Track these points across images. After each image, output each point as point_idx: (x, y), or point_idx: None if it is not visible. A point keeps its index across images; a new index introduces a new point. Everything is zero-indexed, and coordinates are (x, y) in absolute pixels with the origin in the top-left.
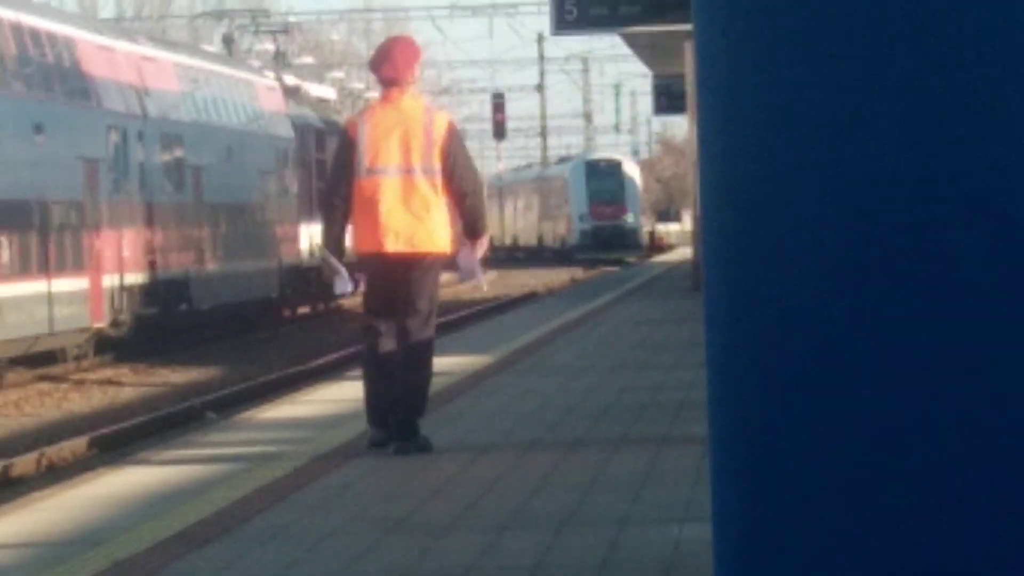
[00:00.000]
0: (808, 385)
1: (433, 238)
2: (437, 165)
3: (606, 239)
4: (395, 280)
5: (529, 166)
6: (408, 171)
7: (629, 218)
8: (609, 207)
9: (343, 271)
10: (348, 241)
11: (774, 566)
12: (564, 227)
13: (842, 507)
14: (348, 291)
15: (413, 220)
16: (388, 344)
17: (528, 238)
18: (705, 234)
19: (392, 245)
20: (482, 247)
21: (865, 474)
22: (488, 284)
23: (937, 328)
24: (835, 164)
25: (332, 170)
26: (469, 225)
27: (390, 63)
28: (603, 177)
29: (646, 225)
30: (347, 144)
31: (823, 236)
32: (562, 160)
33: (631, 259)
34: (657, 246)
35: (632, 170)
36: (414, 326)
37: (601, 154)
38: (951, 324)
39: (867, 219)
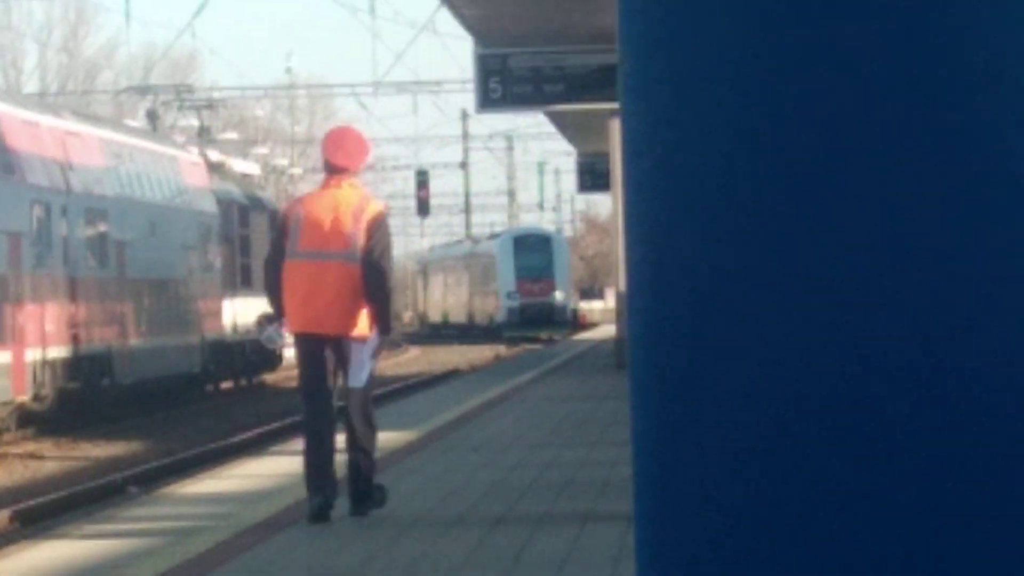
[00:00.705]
0: (739, 464)
1: (352, 321)
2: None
3: (533, 316)
4: (321, 358)
5: (460, 241)
6: (333, 257)
7: (558, 295)
8: (537, 284)
9: (269, 336)
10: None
11: None
12: (493, 304)
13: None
14: (278, 342)
15: (335, 304)
16: (321, 419)
17: (458, 315)
18: (630, 311)
19: (314, 327)
20: (380, 343)
21: (801, 552)
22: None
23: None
24: (765, 243)
25: (269, 252)
26: (379, 303)
27: (344, 152)
28: (531, 252)
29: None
30: (282, 227)
31: (758, 317)
32: (493, 236)
33: (557, 336)
34: (580, 324)
35: (560, 244)
36: (353, 402)
37: (529, 228)
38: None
39: (804, 298)
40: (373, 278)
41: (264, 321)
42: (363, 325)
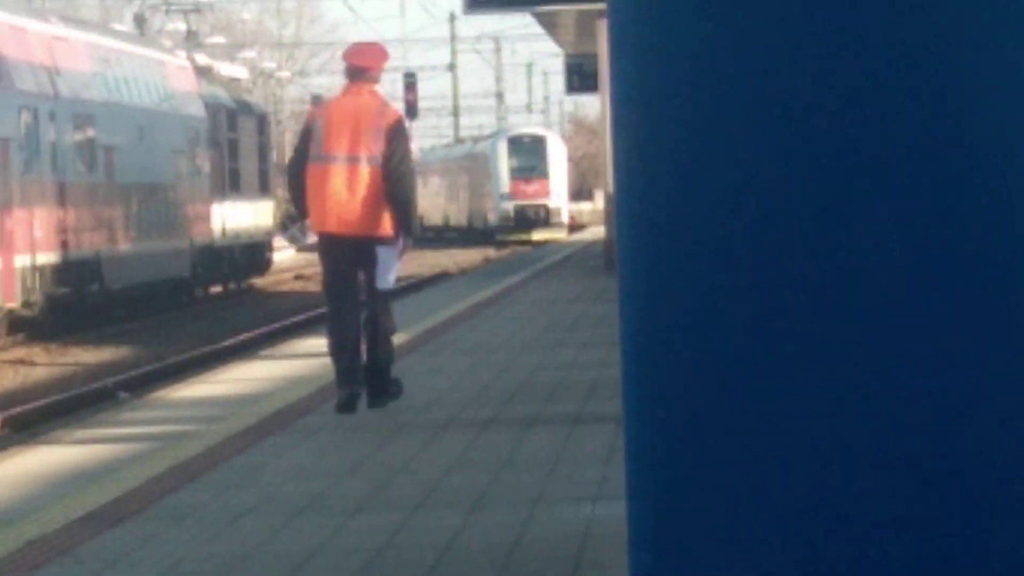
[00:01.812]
0: (723, 362)
1: (373, 224)
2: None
3: (528, 219)
4: (344, 259)
5: (461, 141)
6: (355, 160)
7: (554, 196)
8: (531, 185)
9: (294, 236)
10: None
11: (690, 543)
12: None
13: (758, 484)
14: (302, 241)
15: (356, 206)
16: (347, 316)
17: (459, 218)
18: (619, 212)
19: (336, 227)
20: (405, 248)
21: (781, 451)
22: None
23: (855, 307)
24: (751, 141)
25: (293, 155)
26: (402, 206)
27: (362, 55)
28: (525, 153)
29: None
30: (305, 132)
31: (739, 213)
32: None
33: (558, 238)
34: (570, 225)
35: (556, 145)
36: (374, 301)
37: (524, 129)
38: (868, 305)
39: (785, 196)
40: (396, 182)
41: (287, 221)
42: (385, 226)
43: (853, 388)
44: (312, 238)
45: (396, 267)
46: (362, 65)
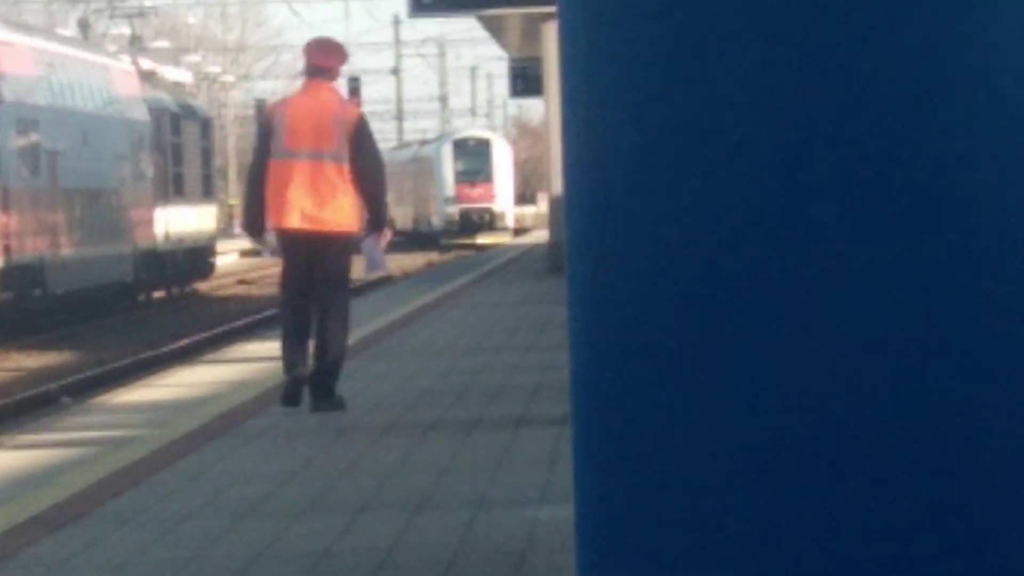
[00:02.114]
0: (672, 362)
1: (337, 218)
2: (346, 154)
3: (473, 223)
4: (304, 256)
5: (407, 144)
6: (318, 156)
7: (499, 200)
8: (476, 189)
9: (267, 243)
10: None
11: (637, 546)
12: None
13: (707, 487)
14: (270, 255)
15: (319, 201)
16: (301, 314)
17: (404, 222)
18: (567, 213)
19: (298, 223)
20: (385, 237)
21: (729, 454)
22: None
23: (807, 308)
24: (701, 141)
25: (254, 152)
26: (372, 214)
27: (325, 54)
28: (470, 156)
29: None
30: (264, 129)
31: (688, 214)
32: (437, 139)
33: (503, 241)
34: (515, 229)
35: (502, 148)
36: (329, 299)
37: (470, 132)
38: (820, 305)
39: (733, 194)
40: (368, 178)
41: (252, 241)
42: (345, 222)
43: (806, 386)
44: (271, 251)
45: (381, 260)
46: (325, 64)
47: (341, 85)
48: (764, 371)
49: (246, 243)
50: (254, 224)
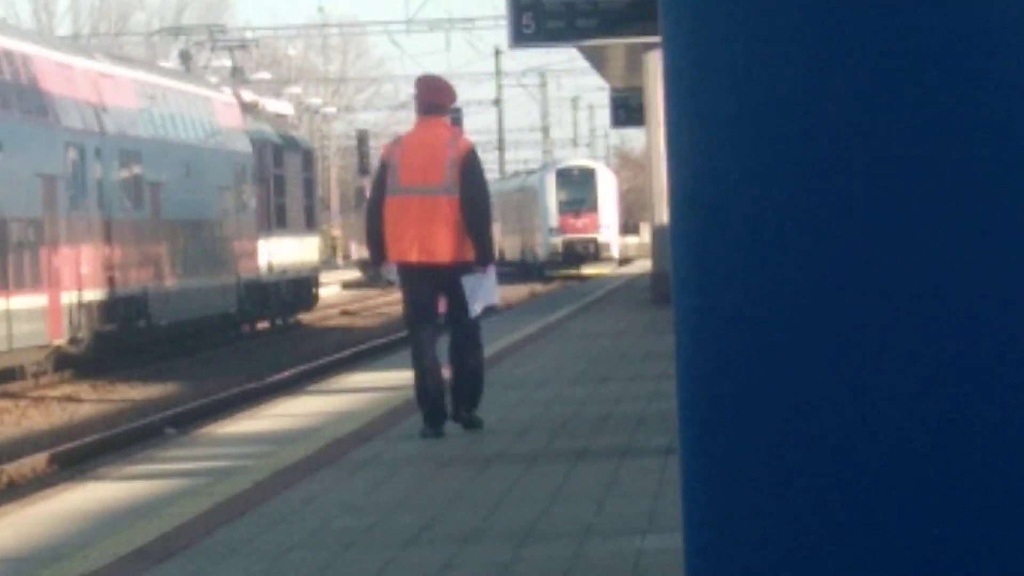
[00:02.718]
0: (779, 390)
1: (455, 250)
2: (458, 187)
3: (577, 254)
4: (426, 287)
5: (516, 174)
6: (432, 191)
7: (603, 230)
8: (580, 219)
9: (390, 272)
10: None
11: (746, 574)
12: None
13: (817, 515)
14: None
15: (435, 235)
16: (427, 346)
17: (513, 252)
18: (674, 243)
19: (416, 256)
20: (488, 276)
21: (840, 481)
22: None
23: (911, 335)
24: (807, 169)
25: (372, 193)
26: (477, 249)
27: (437, 90)
28: (574, 185)
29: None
30: (382, 167)
31: (795, 240)
32: (541, 169)
33: (607, 272)
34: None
35: (606, 177)
36: (462, 325)
37: (573, 161)
38: (926, 330)
39: (840, 223)
40: (472, 212)
41: (366, 265)
42: (464, 253)
43: (921, 416)
44: (389, 278)
45: (486, 295)
46: (436, 101)
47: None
48: (875, 400)
49: (349, 274)
50: (376, 256)
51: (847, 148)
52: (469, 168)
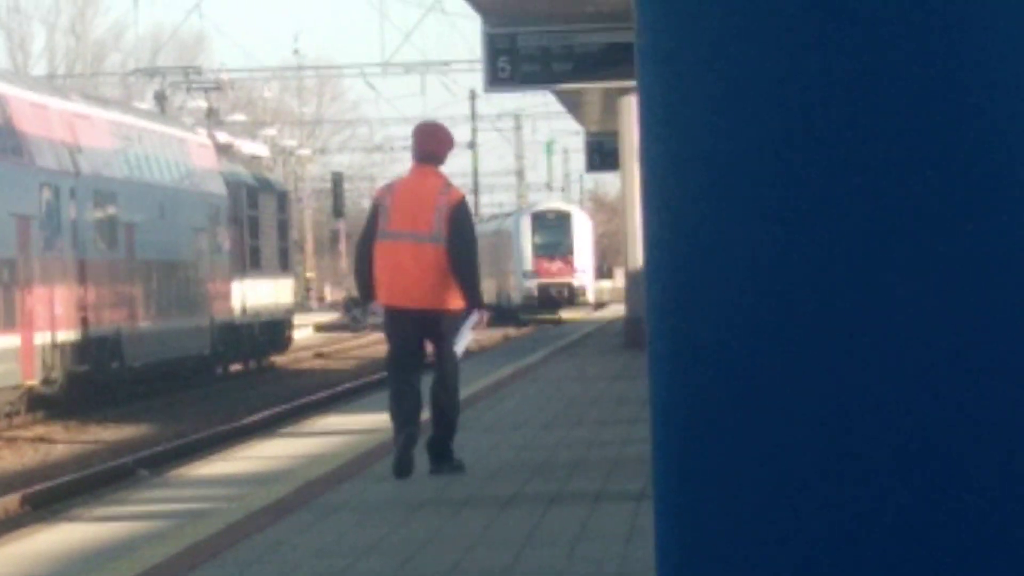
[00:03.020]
0: (756, 434)
1: (440, 298)
2: (445, 236)
3: (552, 299)
4: (411, 331)
5: (494, 217)
6: (420, 237)
7: (579, 275)
8: (555, 263)
9: (375, 308)
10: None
11: None
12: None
13: (795, 562)
14: (363, 323)
15: (423, 281)
16: (408, 389)
17: (488, 296)
18: (649, 285)
19: (403, 302)
20: (475, 318)
21: (819, 536)
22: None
23: (895, 378)
24: (785, 211)
25: (362, 234)
26: (469, 286)
27: (434, 140)
28: (550, 229)
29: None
30: (373, 211)
31: (772, 283)
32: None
33: (579, 317)
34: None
35: (582, 221)
36: (443, 370)
37: (549, 204)
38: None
39: (820, 266)
40: (460, 261)
41: (350, 303)
42: (450, 300)
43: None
44: (373, 320)
45: (468, 336)
46: (431, 150)
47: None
48: (857, 444)
49: (322, 317)
50: (364, 294)
51: (826, 190)
52: (458, 218)
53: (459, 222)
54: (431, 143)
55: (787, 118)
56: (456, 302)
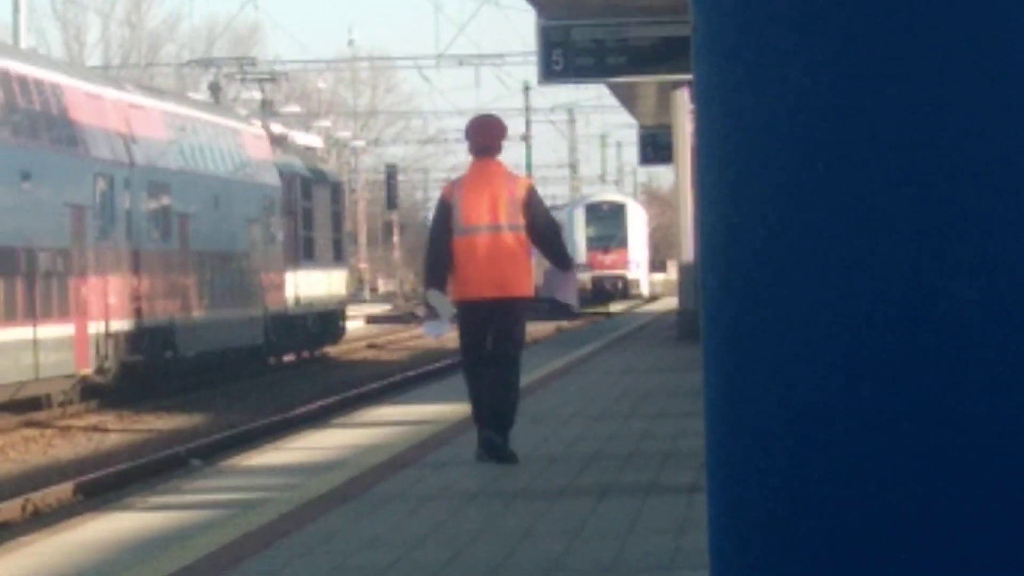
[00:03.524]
0: (809, 432)
1: (520, 284)
2: (521, 222)
3: (606, 291)
4: (487, 322)
5: (556, 208)
6: (496, 228)
7: (633, 267)
8: (609, 255)
9: (447, 312)
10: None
11: None
12: None
13: (845, 556)
14: (440, 334)
15: (502, 269)
16: (484, 376)
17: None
18: (704, 279)
19: (486, 292)
20: (574, 276)
21: (869, 527)
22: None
23: (945, 381)
24: (842, 206)
25: (432, 230)
26: (558, 260)
27: (486, 132)
28: (603, 221)
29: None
30: (444, 207)
31: (829, 280)
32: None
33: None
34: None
35: (637, 213)
36: (507, 358)
37: (603, 196)
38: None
39: (877, 266)
40: (548, 242)
41: (429, 302)
42: (526, 286)
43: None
44: (445, 311)
45: (566, 293)
46: (487, 143)
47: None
48: (906, 440)
49: (375, 308)
50: (439, 285)
51: (885, 186)
52: (533, 204)
53: (536, 207)
54: (485, 137)
55: (845, 112)
56: (526, 290)
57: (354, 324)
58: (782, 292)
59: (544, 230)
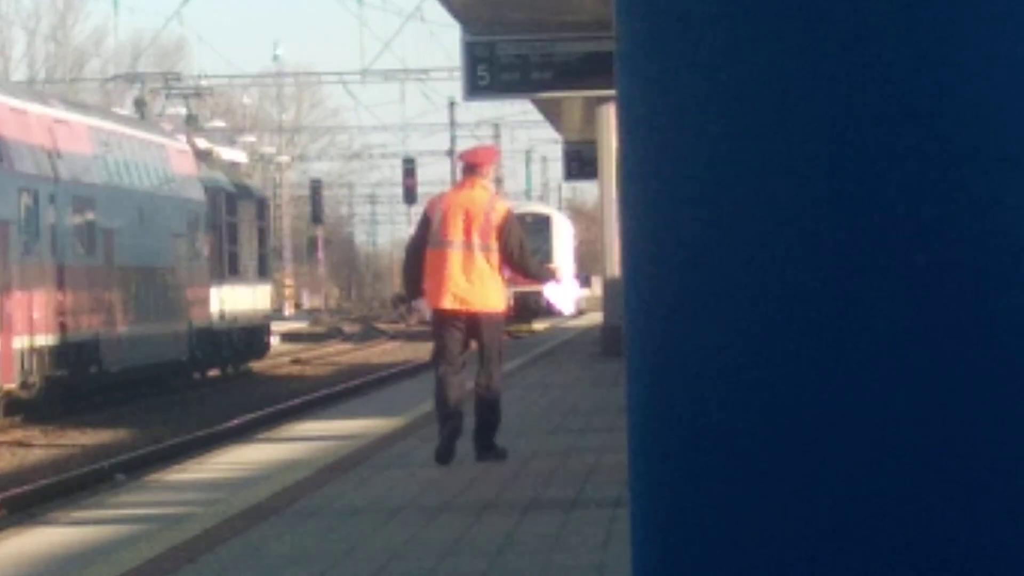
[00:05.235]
0: (733, 447)
1: (484, 300)
2: (494, 244)
3: (529, 308)
4: (457, 333)
5: None
6: (468, 246)
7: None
8: None
9: (421, 310)
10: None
11: None
12: None
13: (765, 565)
14: (424, 312)
15: (469, 285)
16: (451, 380)
17: None
18: (627, 292)
19: (451, 304)
20: (559, 283)
21: (794, 545)
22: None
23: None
24: (766, 223)
25: (411, 241)
26: (532, 278)
27: (475, 154)
28: (528, 235)
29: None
30: (425, 219)
31: (754, 294)
32: None
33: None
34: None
35: (563, 226)
36: (486, 366)
37: (527, 207)
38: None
39: (798, 276)
40: (516, 262)
41: (397, 300)
42: (494, 302)
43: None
44: (420, 316)
45: (570, 296)
46: (474, 162)
47: (396, 166)
48: (829, 454)
49: (296, 324)
50: (413, 291)
51: (806, 197)
52: (508, 231)
53: (507, 232)
54: (472, 156)
55: (767, 125)
56: (496, 304)
57: (279, 340)
58: (705, 307)
59: (513, 252)
